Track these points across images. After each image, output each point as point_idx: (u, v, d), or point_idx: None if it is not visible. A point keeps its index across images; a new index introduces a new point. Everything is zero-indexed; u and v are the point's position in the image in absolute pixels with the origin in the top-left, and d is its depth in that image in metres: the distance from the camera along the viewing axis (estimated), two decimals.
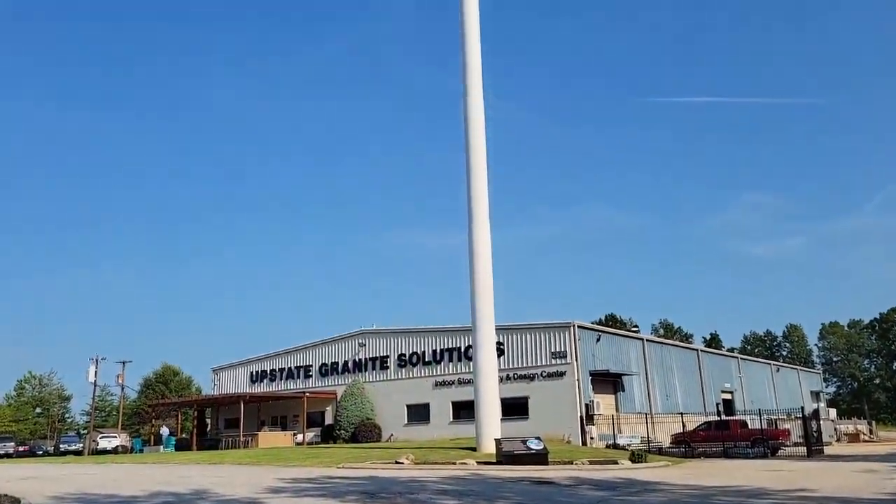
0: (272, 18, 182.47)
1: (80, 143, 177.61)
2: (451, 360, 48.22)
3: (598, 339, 45.70)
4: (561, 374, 42.74)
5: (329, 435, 50.52)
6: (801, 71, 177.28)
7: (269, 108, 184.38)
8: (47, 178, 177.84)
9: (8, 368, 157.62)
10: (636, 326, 77.91)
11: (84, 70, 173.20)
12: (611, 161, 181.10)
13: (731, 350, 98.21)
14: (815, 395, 77.10)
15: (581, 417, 41.27)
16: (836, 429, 57.56)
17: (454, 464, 24.95)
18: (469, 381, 40.48)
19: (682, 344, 68.87)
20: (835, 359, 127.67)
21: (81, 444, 60.84)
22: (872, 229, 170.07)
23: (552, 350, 43.63)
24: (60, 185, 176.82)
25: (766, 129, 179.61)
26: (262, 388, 57.54)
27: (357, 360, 52.94)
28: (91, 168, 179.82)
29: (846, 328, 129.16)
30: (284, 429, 53.75)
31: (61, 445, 62.74)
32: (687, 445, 37.30)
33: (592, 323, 57.54)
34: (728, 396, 59.52)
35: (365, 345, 52.72)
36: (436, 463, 25.73)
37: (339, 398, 51.53)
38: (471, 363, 36.59)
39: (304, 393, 52.75)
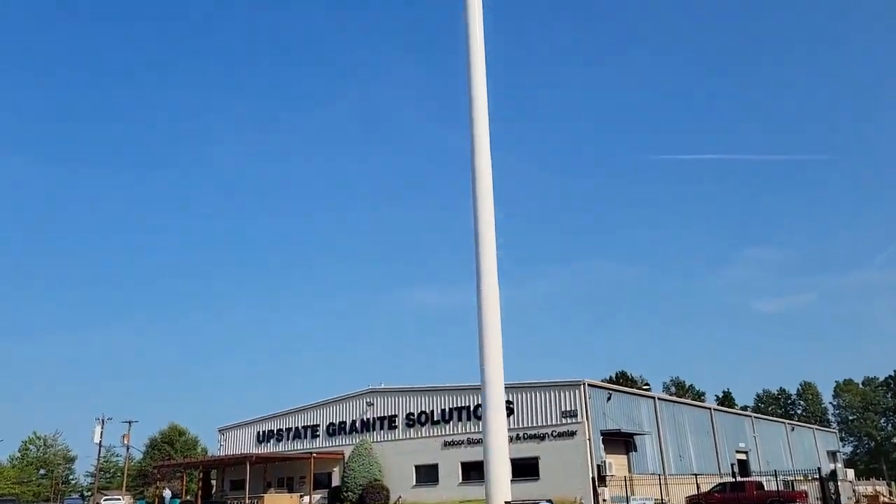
0: (281, 79, 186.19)
1: (85, 201, 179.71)
2: (459, 419, 47.58)
3: (608, 398, 45.08)
4: (571, 434, 42.05)
5: (336, 497, 49.62)
6: (804, 127, 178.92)
7: (277, 167, 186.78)
8: (55, 236, 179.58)
9: (13, 429, 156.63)
10: (647, 384, 76.99)
11: (96, 128, 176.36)
12: (615, 216, 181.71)
13: (745, 408, 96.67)
14: (832, 455, 75.53)
15: (593, 479, 40.43)
16: (854, 490, 56.20)
17: None
18: (478, 441, 39.83)
19: (694, 402, 67.91)
20: (850, 417, 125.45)
21: None
22: (883, 283, 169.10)
23: (562, 409, 43.03)
24: (67, 242, 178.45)
25: (770, 184, 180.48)
26: (269, 448, 56.77)
27: (365, 419, 52.31)
28: (97, 225, 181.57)
29: (861, 386, 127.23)
30: (291, 490, 52.85)
31: None
32: None
33: (602, 381, 56.89)
34: (742, 457, 58.36)
35: (373, 404, 52.14)
36: None
37: (346, 459, 50.76)
38: (480, 422, 36.08)
39: (311, 453, 52.00)
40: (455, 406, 47.97)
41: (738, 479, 45.87)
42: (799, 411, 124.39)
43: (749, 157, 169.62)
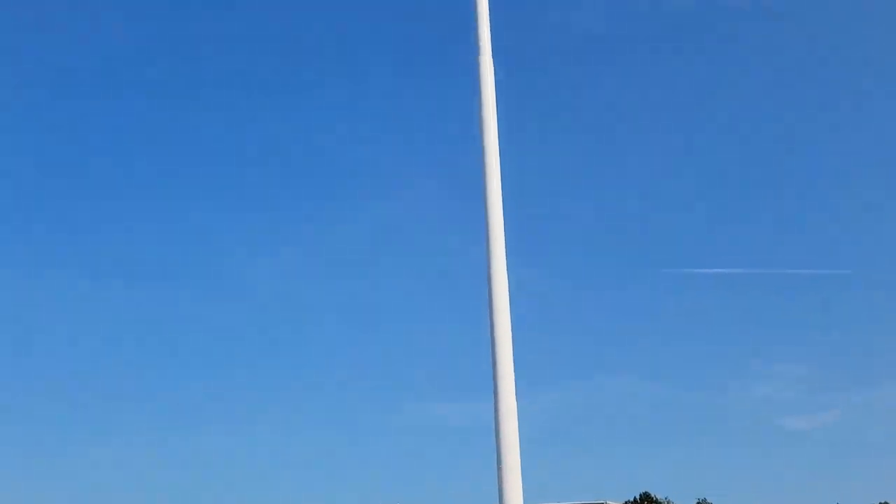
0: (292, 198, 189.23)
1: (105, 314, 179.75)
2: None
3: None
4: None
5: None
6: (824, 241, 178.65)
7: (293, 282, 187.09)
8: (70, 346, 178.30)
9: None
10: None
11: (117, 244, 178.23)
12: (634, 329, 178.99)
13: None
14: None
15: None
16: None
17: None
18: None
19: None
20: None
21: None
22: None
23: None
24: (77, 355, 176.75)
25: (793, 296, 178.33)
26: None
27: None
28: (116, 338, 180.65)
29: None
30: None
31: None
32: None
33: (626, 503, 54.69)
34: None
35: None
36: None
37: None
38: None
39: None
40: None
41: None
42: None
43: (766, 271, 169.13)
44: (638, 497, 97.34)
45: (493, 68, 10.66)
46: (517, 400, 32.01)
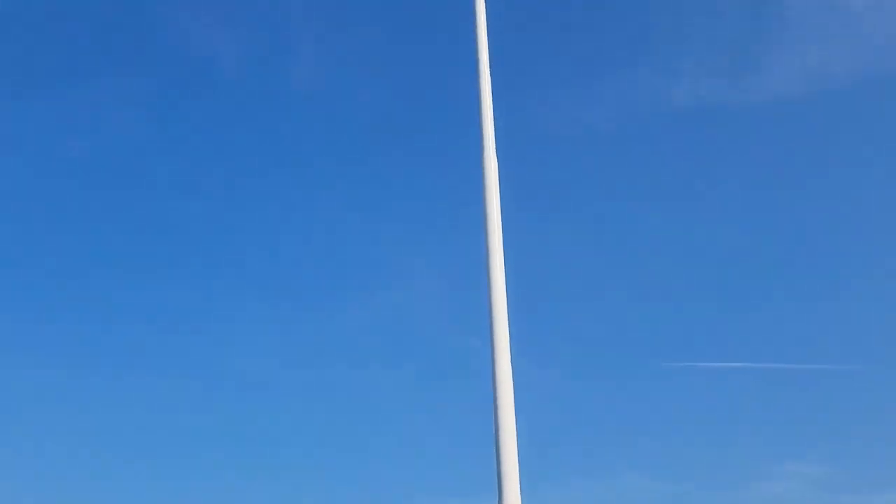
0: (291, 289, 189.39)
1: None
2: None
3: None
4: None
5: None
6: (839, 335, 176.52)
7: (292, 374, 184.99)
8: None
9: None
10: None
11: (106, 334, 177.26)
12: (644, 427, 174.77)
13: None
14: None
15: None
16: None
17: None
18: None
19: None
20: None
21: None
22: None
23: None
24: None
25: (804, 393, 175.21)
26: None
27: None
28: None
29: None
30: None
31: None
32: None
33: None
34: None
35: None
36: None
37: None
38: None
39: None
40: None
41: None
42: None
43: (773, 365, 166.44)
44: None
45: (496, 163, 10.77)
46: (522, 499, 31.03)
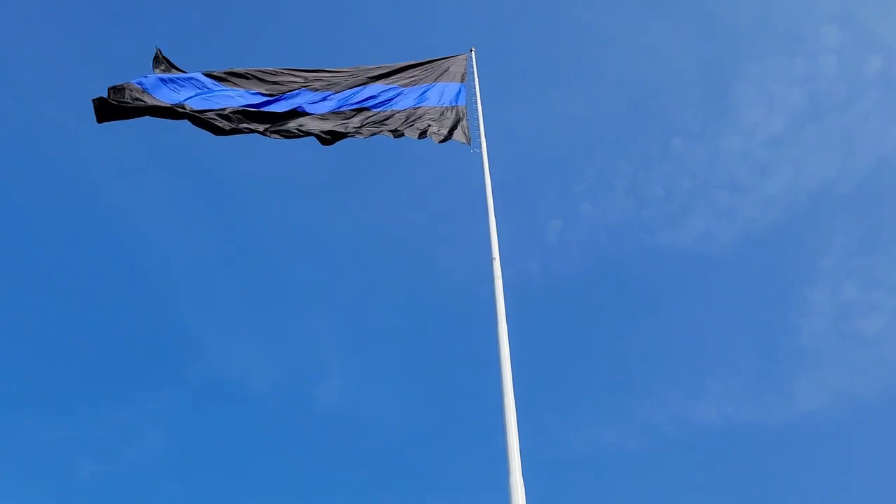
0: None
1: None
2: None
3: None
4: None
5: None
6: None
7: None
8: None
9: None
10: None
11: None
12: None
13: None
14: None
15: None
16: None
17: None
18: None
19: None
20: None
21: None
22: None
23: None
24: None
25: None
26: None
27: None
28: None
29: None
30: None
31: None
32: None
33: None
34: None
35: None
36: None
37: None
38: None
39: None
40: None
41: None
42: None
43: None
44: None
45: (524, 489, 12.50)
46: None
